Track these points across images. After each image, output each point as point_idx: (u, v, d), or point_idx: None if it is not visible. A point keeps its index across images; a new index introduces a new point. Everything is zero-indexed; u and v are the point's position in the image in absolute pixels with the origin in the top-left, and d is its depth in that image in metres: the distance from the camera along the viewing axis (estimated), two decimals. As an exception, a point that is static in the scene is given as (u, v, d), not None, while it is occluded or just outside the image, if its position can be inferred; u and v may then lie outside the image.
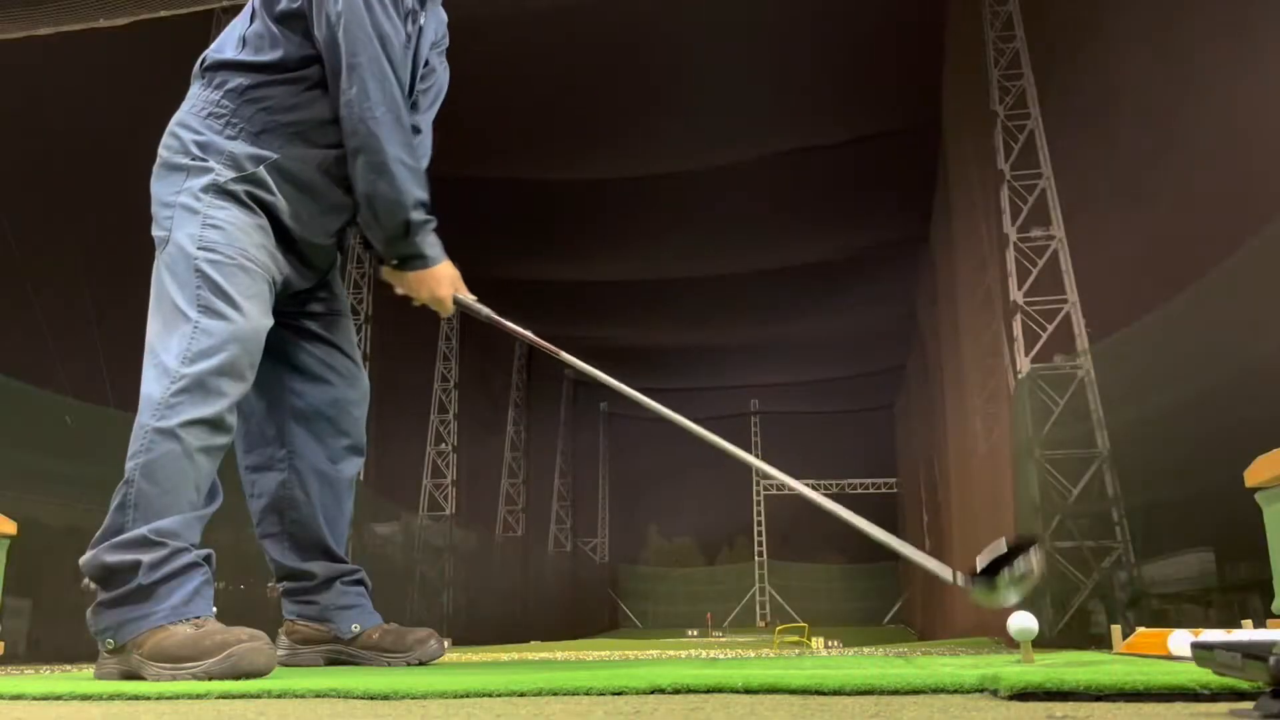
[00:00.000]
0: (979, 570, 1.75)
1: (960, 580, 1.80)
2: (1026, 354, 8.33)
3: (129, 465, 1.92)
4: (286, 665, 2.38)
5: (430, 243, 2.25)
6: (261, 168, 2.13)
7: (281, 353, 2.38)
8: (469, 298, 2.36)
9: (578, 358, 2.45)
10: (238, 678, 1.65)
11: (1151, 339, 6.93)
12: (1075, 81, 8.90)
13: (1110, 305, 8.20)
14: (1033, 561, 1.66)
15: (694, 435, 2.48)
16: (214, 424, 1.96)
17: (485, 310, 2.38)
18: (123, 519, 1.88)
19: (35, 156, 9.80)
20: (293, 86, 2.18)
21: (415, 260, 2.26)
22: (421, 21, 2.34)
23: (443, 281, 2.31)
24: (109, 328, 10.12)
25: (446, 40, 2.60)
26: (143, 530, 1.85)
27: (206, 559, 1.94)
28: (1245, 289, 5.75)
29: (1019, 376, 8.28)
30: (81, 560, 1.89)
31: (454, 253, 2.35)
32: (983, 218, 9.81)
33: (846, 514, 2.20)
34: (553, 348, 2.43)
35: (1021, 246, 8.63)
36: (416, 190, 2.17)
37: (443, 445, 17.24)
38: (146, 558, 1.83)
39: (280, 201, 2.16)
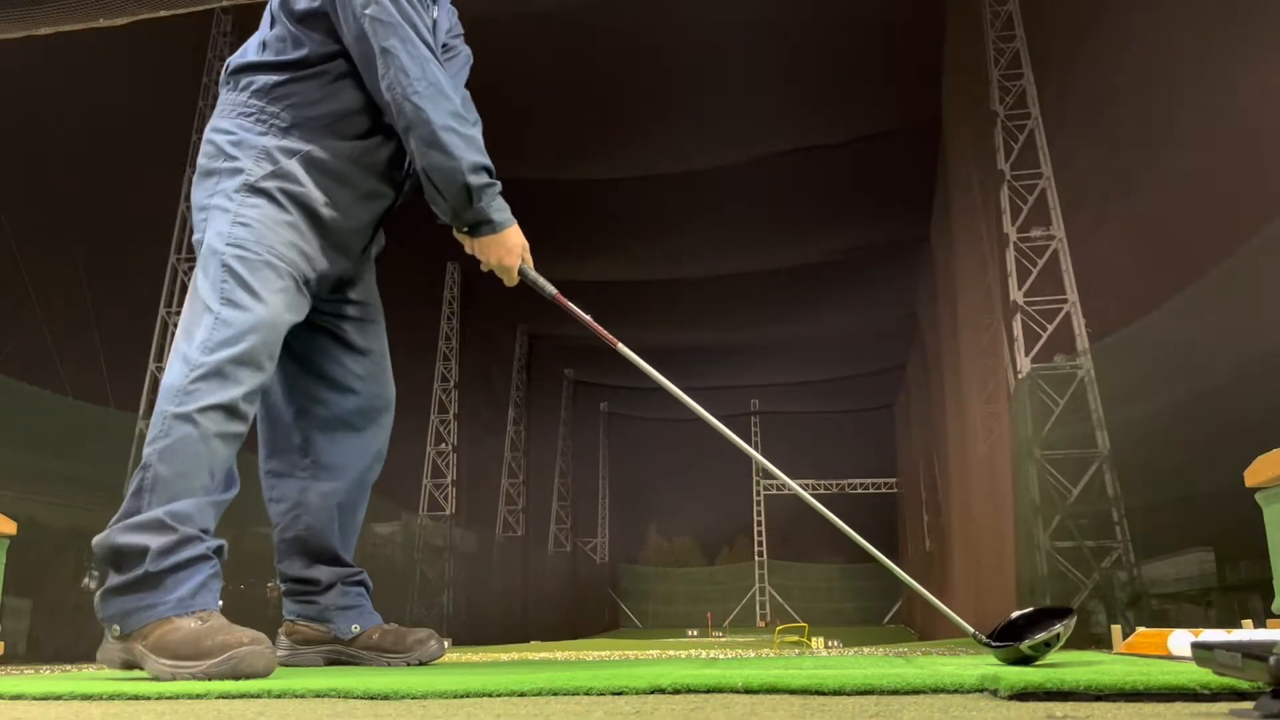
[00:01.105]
0: (1000, 629, 1.72)
1: (980, 638, 1.78)
2: (1026, 354, 8.33)
3: (147, 450, 1.94)
4: (286, 665, 2.38)
5: (497, 207, 2.24)
6: (294, 160, 2.17)
7: (310, 361, 2.41)
8: (535, 273, 2.36)
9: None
10: (237, 679, 1.64)
11: (1151, 339, 6.94)
12: (1075, 81, 8.90)
13: (1110, 305, 8.21)
14: (1058, 630, 1.58)
15: (740, 448, 2.45)
16: (230, 410, 1.98)
17: (550, 289, 2.37)
18: (139, 503, 1.90)
19: (35, 156, 9.80)
20: (317, 81, 2.22)
21: (483, 226, 2.25)
22: (435, 15, 2.37)
23: (512, 249, 2.30)
24: (109, 328, 10.13)
25: (460, 28, 2.66)
26: (158, 513, 1.87)
27: (217, 550, 1.95)
28: (1245, 289, 5.75)
29: (1019, 376, 8.29)
30: (94, 540, 1.90)
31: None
32: (983, 218, 9.81)
33: (875, 552, 2.27)
34: (611, 338, 2.42)
35: (1021, 246, 8.64)
36: (472, 154, 2.16)
37: (443, 445, 17.24)
38: (155, 543, 1.83)
39: (313, 191, 2.18)
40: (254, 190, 2.13)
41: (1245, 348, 5.61)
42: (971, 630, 1.86)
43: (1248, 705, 0.92)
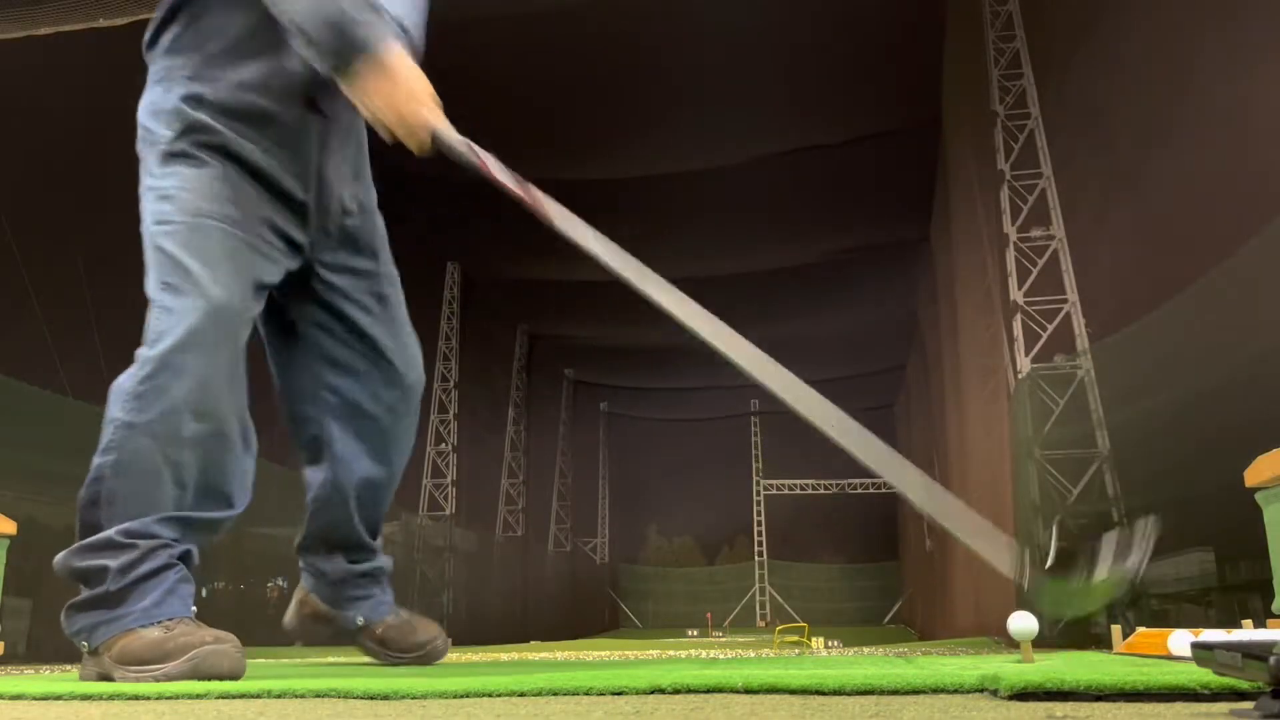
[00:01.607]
0: (1049, 563, 1.38)
1: (1024, 576, 1.35)
2: (1026, 354, 8.33)
3: (97, 461, 1.83)
4: (296, 632, 2.39)
5: (372, 32, 1.84)
6: (202, 109, 1.98)
7: (314, 343, 2.24)
8: (453, 134, 1.89)
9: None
10: (201, 680, 1.61)
11: (1151, 339, 6.94)
12: (1075, 81, 8.91)
13: (1110, 305, 8.21)
14: (1130, 563, 1.21)
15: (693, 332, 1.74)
16: (188, 408, 1.83)
17: (476, 156, 1.89)
18: (95, 517, 1.81)
19: (35, 156, 9.80)
20: (210, 15, 2.04)
21: (355, 54, 1.84)
22: None
23: (413, 92, 1.86)
24: (109, 328, 10.12)
25: None
26: (109, 533, 1.78)
27: (184, 556, 1.85)
28: (1245, 289, 5.75)
29: (1019, 376, 8.29)
30: (54, 563, 1.83)
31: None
32: (983, 218, 9.81)
33: (880, 461, 1.65)
34: (539, 197, 2.03)
35: (1021, 246, 8.64)
36: None
37: (443, 445, 17.24)
38: (114, 562, 1.76)
39: (230, 135, 1.99)
40: (170, 157, 1.97)
41: (1245, 348, 5.61)
42: (1007, 563, 1.36)
43: (1248, 705, 0.92)
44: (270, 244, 2.03)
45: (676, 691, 1.19)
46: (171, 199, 1.94)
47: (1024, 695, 1.05)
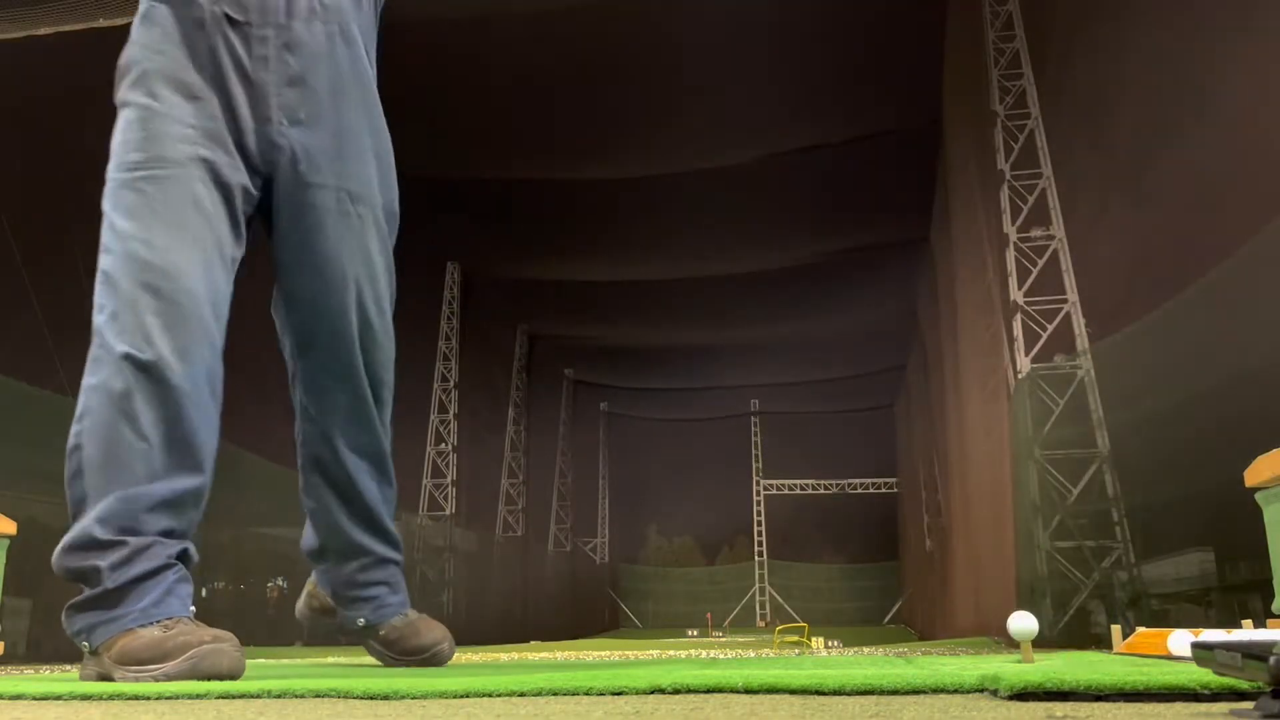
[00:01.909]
0: None
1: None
2: (1026, 354, 8.33)
3: (74, 429, 1.84)
4: (306, 623, 2.35)
5: None
6: (141, 35, 2.01)
7: (278, 263, 2.15)
8: None
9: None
10: (200, 679, 1.62)
11: (1151, 339, 6.94)
12: (1075, 81, 8.91)
13: (1110, 305, 8.21)
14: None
15: None
16: (132, 361, 1.84)
17: None
18: (80, 490, 1.81)
19: (35, 157, 9.80)
20: None
21: None
22: None
23: None
24: (109, 328, 10.11)
25: None
26: (94, 532, 1.78)
27: (182, 554, 1.85)
28: (1245, 289, 5.76)
29: (1019, 376, 8.29)
30: (52, 564, 1.83)
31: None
32: (983, 218, 9.81)
33: None
34: None
35: (1021, 246, 8.64)
36: None
37: (443, 445, 17.24)
38: (104, 562, 1.77)
39: (157, 61, 1.98)
40: (119, 109, 2.00)
41: (1244, 348, 5.62)
42: None
43: (1248, 705, 0.92)
44: (225, 164, 1.99)
45: (676, 691, 1.19)
46: (113, 155, 1.98)
47: (1024, 695, 1.05)
